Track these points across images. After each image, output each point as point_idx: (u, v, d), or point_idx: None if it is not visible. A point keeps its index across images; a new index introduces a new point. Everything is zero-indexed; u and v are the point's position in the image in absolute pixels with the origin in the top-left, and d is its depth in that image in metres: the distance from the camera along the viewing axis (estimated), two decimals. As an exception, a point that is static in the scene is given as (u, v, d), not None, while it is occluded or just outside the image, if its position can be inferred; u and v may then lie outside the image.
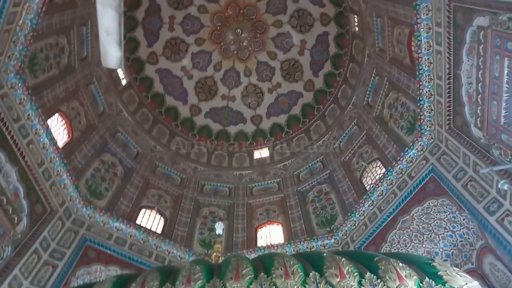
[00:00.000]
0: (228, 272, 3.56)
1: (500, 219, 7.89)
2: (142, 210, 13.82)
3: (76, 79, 13.02)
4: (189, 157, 17.38)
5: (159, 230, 13.42)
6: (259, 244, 13.61)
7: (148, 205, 14.14)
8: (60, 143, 11.49)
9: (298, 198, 14.83)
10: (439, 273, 3.43)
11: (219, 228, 7.27)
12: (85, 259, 11.02)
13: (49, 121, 11.22)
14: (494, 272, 8.45)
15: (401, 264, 3.45)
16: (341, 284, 3.28)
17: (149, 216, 13.82)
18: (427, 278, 3.34)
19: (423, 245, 10.39)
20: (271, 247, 12.87)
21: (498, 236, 7.89)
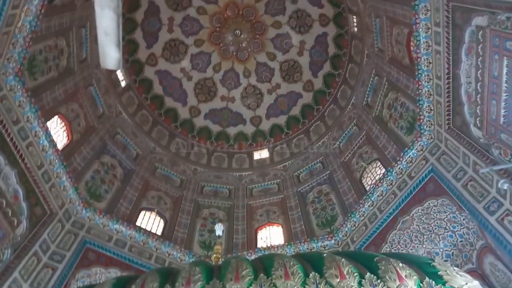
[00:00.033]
0: (228, 273, 3.56)
1: (500, 219, 7.88)
2: (142, 212, 13.80)
3: (75, 81, 13.01)
4: (189, 159, 17.37)
5: (159, 232, 13.40)
6: (259, 246, 13.60)
7: (148, 207, 14.12)
8: (60, 145, 11.47)
9: (298, 199, 14.82)
10: (439, 273, 3.42)
11: (219, 230, 7.26)
12: (85, 262, 11.00)
13: (49, 123, 11.20)
14: (495, 272, 8.43)
15: (401, 264, 3.44)
16: (341, 285, 3.28)
17: (149, 218, 13.79)
18: (427, 278, 3.33)
19: (423, 246, 10.38)
20: (271, 248, 12.85)
21: (498, 236, 7.88)
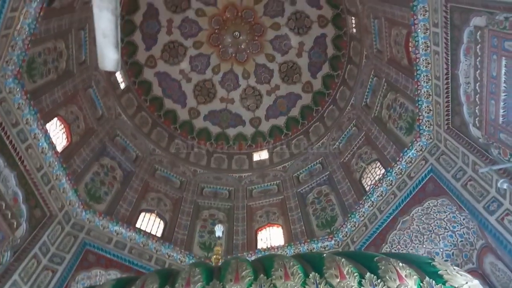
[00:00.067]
0: (228, 274, 3.56)
1: (500, 219, 7.88)
2: (142, 214, 13.79)
3: (75, 83, 13.01)
4: (189, 160, 17.37)
5: (159, 234, 13.39)
6: (259, 247, 13.58)
7: (148, 209, 14.11)
8: (59, 147, 11.47)
9: (298, 200, 14.81)
10: (439, 273, 3.42)
11: (219, 231, 7.25)
12: (85, 264, 10.98)
13: (48, 126, 11.20)
14: (495, 272, 8.43)
15: (401, 264, 3.44)
16: (341, 285, 3.28)
17: (149, 220, 13.78)
18: (428, 278, 3.33)
19: (424, 246, 10.37)
20: (272, 249, 12.84)
21: (498, 236, 7.88)
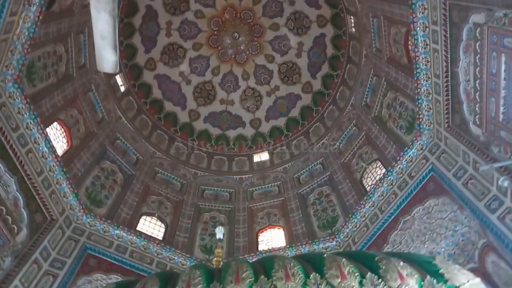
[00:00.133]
0: (228, 276, 3.54)
1: (502, 217, 7.84)
2: (143, 217, 13.76)
3: (75, 87, 13.01)
4: (189, 162, 17.34)
5: (160, 237, 13.35)
6: (261, 248, 13.53)
7: (149, 212, 14.08)
8: (60, 152, 11.45)
9: (299, 201, 14.77)
10: (441, 271, 3.40)
11: (220, 233, 7.22)
12: (86, 268, 10.94)
13: (48, 130, 11.18)
14: (497, 271, 8.37)
15: (402, 263, 3.42)
16: (342, 285, 3.26)
17: (150, 223, 13.75)
18: (429, 277, 3.32)
19: (425, 245, 10.33)
20: (273, 251, 12.79)
21: (500, 234, 7.84)
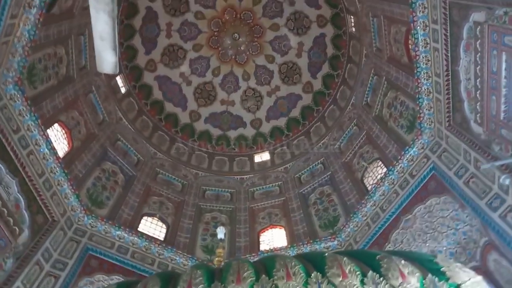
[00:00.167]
0: (229, 276, 3.54)
1: (503, 215, 7.83)
2: (144, 218, 13.75)
3: (75, 89, 13.03)
4: (190, 163, 17.34)
5: (161, 237, 13.35)
6: (262, 248, 13.52)
7: (150, 213, 14.08)
8: (61, 153, 11.45)
9: (300, 201, 14.75)
10: (442, 270, 3.40)
11: (221, 233, 7.22)
12: (88, 269, 10.96)
13: (49, 131, 11.20)
14: (499, 269, 8.35)
15: (404, 262, 3.42)
16: (344, 284, 3.26)
17: (151, 224, 13.76)
18: (430, 275, 3.32)
19: (427, 244, 10.30)
20: (274, 251, 12.78)
21: (502, 233, 7.83)
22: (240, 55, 19.67)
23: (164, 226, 13.93)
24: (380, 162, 12.96)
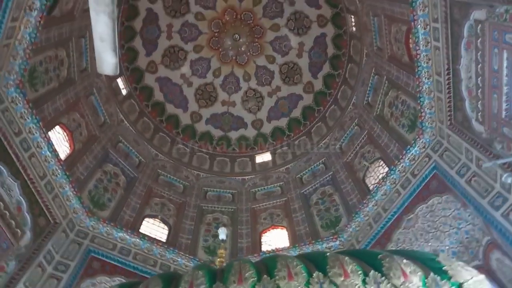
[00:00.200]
0: (231, 276, 3.52)
1: (506, 214, 7.79)
2: (146, 219, 13.76)
3: (76, 91, 13.05)
4: (191, 164, 17.36)
5: (163, 239, 13.34)
6: (264, 249, 13.51)
7: (152, 214, 14.09)
8: (62, 155, 11.46)
9: (302, 201, 14.73)
10: (444, 268, 3.38)
11: (222, 233, 7.22)
12: (90, 271, 10.96)
13: (50, 134, 11.21)
14: (502, 268, 8.31)
15: (405, 261, 3.40)
16: (345, 284, 3.24)
17: (153, 225, 13.76)
18: (432, 274, 3.29)
19: (429, 244, 10.27)
20: (276, 252, 12.75)
21: (504, 231, 7.78)
22: (241, 56, 19.68)
23: (166, 228, 13.94)
24: (382, 162, 12.94)
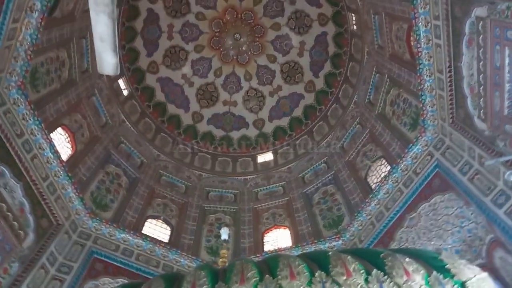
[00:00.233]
0: (233, 276, 3.52)
1: (509, 211, 7.75)
2: (148, 220, 13.78)
3: (78, 92, 13.08)
4: (193, 164, 17.36)
5: (166, 240, 13.35)
6: (266, 249, 13.50)
7: (154, 215, 14.10)
8: (64, 157, 11.49)
9: (304, 201, 14.71)
10: (447, 266, 3.36)
11: (224, 233, 7.20)
12: (93, 272, 10.97)
13: (52, 135, 11.25)
14: (505, 266, 8.26)
15: (408, 259, 3.38)
16: (348, 283, 3.22)
17: (155, 226, 13.77)
18: (435, 272, 3.27)
19: (432, 242, 10.21)
20: (279, 252, 12.74)
21: (508, 229, 7.75)
22: (242, 55, 19.67)
23: (169, 228, 13.94)
24: (384, 160, 12.90)
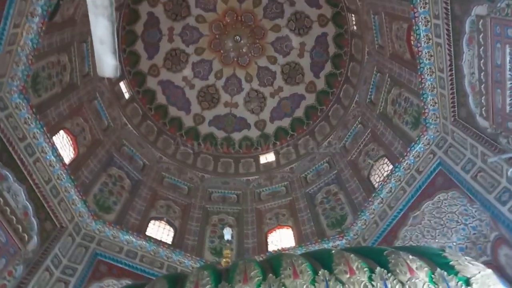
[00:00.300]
0: (236, 276, 3.52)
1: (513, 209, 7.74)
2: (151, 222, 13.80)
3: (79, 96, 13.13)
4: (196, 166, 17.37)
5: (169, 241, 13.37)
6: (270, 249, 13.50)
7: (157, 216, 14.12)
8: (67, 160, 11.53)
9: (307, 200, 14.71)
10: (451, 263, 3.35)
11: (227, 234, 7.22)
12: (97, 274, 10.99)
13: (55, 139, 11.28)
14: (510, 263, 8.24)
15: (411, 257, 3.38)
16: (351, 281, 3.22)
17: (159, 227, 13.80)
18: (439, 269, 3.27)
19: (436, 240, 10.20)
20: (282, 251, 12.74)
21: (512, 226, 7.73)
22: (242, 57, 19.70)
23: (172, 230, 13.96)
24: (386, 159, 12.89)
